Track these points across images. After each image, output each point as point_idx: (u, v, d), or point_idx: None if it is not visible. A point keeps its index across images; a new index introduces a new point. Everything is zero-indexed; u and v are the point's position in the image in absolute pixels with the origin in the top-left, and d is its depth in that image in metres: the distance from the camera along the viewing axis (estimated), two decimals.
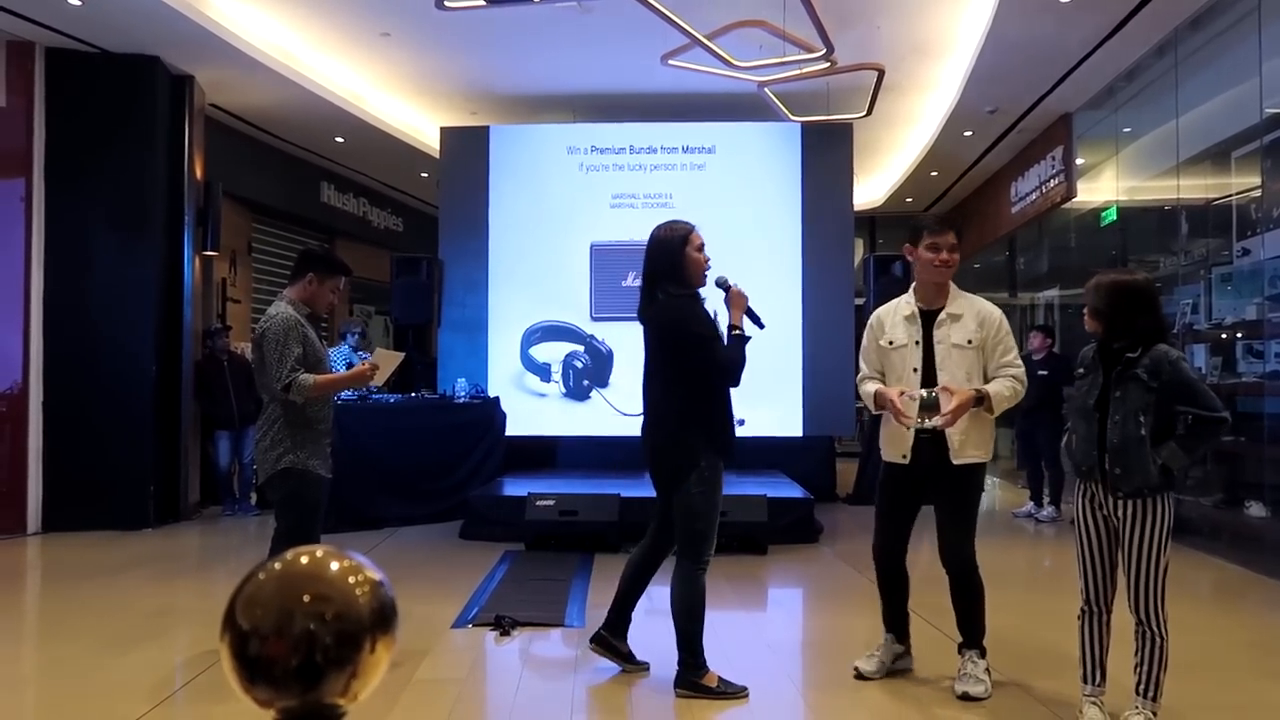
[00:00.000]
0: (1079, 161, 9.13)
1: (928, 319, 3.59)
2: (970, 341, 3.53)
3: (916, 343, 3.58)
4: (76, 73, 7.39)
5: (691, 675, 3.55)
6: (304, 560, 0.71)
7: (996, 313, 3.62)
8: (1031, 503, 8.11)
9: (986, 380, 3.53)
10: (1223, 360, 6.81)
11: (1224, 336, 6.81)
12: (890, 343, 3.64)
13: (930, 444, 3.50)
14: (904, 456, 3.56)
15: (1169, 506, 3.07)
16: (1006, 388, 3.48)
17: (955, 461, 3.49)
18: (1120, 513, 3.09)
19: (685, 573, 3.57)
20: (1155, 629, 3.05)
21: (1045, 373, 7.91)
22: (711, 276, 3.69)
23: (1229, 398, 6.62)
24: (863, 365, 3.76)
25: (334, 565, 0.71)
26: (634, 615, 3.87)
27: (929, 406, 3.43)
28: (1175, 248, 7.52)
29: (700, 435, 3.54)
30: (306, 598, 0.69)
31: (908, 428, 3.48)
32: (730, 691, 3.53)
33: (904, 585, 3.76)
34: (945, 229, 3.58)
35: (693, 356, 3.52)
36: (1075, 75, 8.02)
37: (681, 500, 3.54)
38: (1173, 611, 3.08)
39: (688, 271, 3.59)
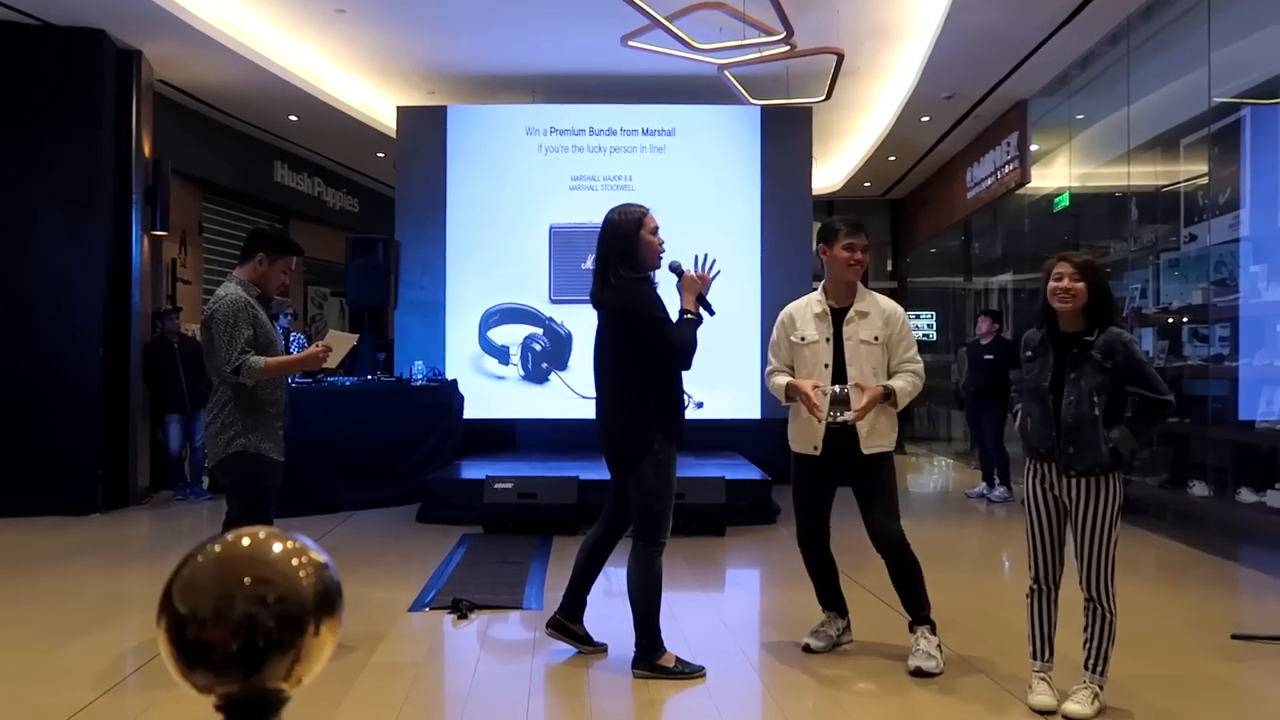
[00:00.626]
0: (1033, 148, 9.25)
1: (838, 316, 3.76)
2: (876, 338, 3.71)
3: (827, 339, 3.74)
4: (17, 45, 7.16)
5: (649, 656, 3.57)
6: (245, 542, 0.70)
7: (899, 311, 3.83)
8: (984, 483, 8.25)
9: (890, 374, 3.71)
10: (1169, 344, 6.97)
11: (1170, 321, 6.96)
12: (802, 338, 3.78)
13: (840, 435, 3.66)
14: (815, 448, 3.71)
15: (1119, 485, 3.15)
16: (909, 383, 3.69)
17: (865, 452, 3.65)
18: (1072, 492, 3.16)
19: (641, 555, 3.59)
20: (1105, 605, 3.13)
21: (991, 357, 8.04)
22: (666, 260, 3.70)
23: (1174, 381, 6.78)
24: (772, 359, 3.91)
25: (276, 547, 0.70)
26: (593, 597, 3.88)
27: (840, 401, 3.64)
28: (1125, 233, 7.66)
29: (653, 418, 3.55)
30: (247, 580, 0.67)
31: (820, 421, 3.63)
32: (687, 672, 3.56)
33: (831, 566, 3.92)
34: (860, 231, 3.79)
35: (645, 340, 3.53)
36: (1031, 62, 8.11)
37: (636, 484, 3.55)
38: (1120, 590, 3.15)
39: (641, 255, 3.60)
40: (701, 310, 3.67)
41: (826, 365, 3.71)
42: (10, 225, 7.16)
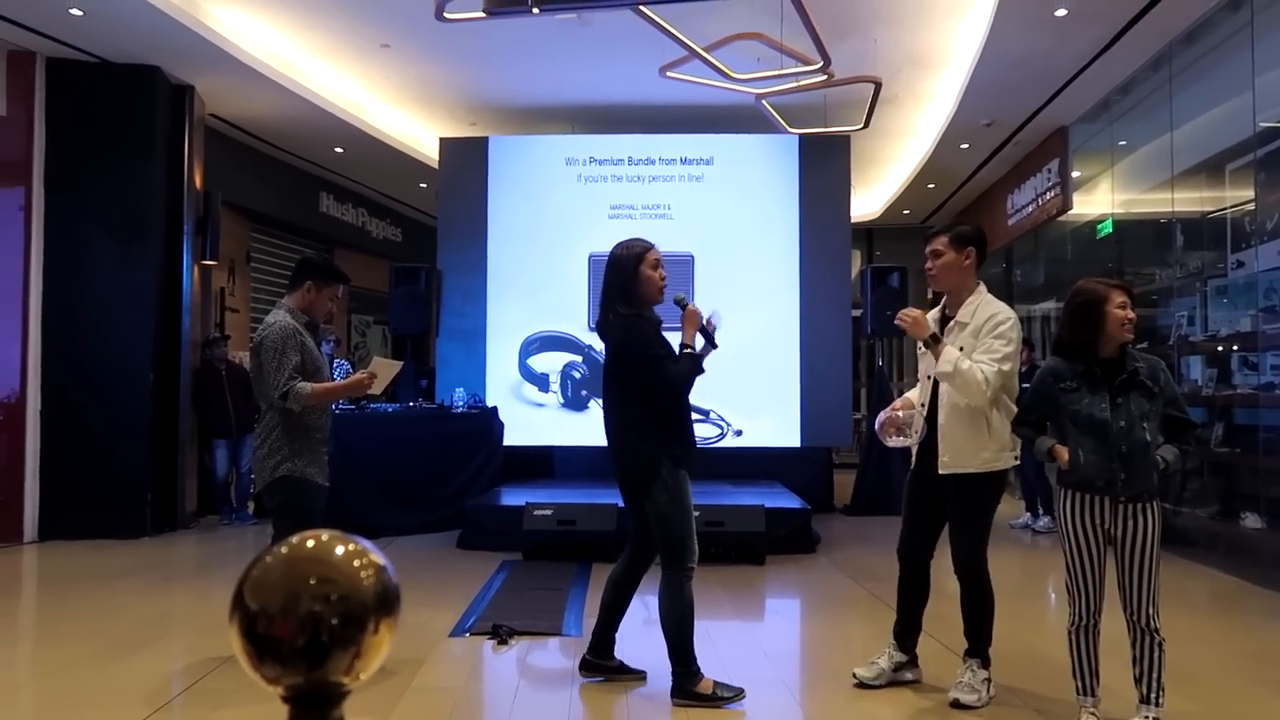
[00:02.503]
0: (1075, 174, 9.18)
1: (944, 326, 3.65)
2: (962, 349, 3.51)
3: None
4: (77, 82, 7.42)
5: (685, 684, 3.55)
6: (310, 544, 0.74)
7: (996, 316, 3.52)
8: (1028, 514, 8.11)
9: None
10: (1218, 372, 6.84)
11: (1219, 349, 6.83)
12: (921, 347, 3.71)
13: (930, 451, 3.54)
14: (912, 462, 3.65)
15: (1161, 511, 3.14)
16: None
17: (941, 471, 3.51)
18: (1119, 520, 3.10)
19: (671, 582, 3.59)
20: (1155, 632, 3.07)
21: (1028, 385, 7.92)
22: (671, 294, 3.73)
23: (1225, 410, 6.65)
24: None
25: (339, 549, 0.73)
26: (630, 625, 3.89)
27: (908, 428, 3.55)
28: (1170, 260, 7.56)
29: (658, 446, 3.58)
30: (313, 580, 0.71)
31: (888, 440, 3.57)
32: (726, 696, 3.54)
33: (921, 592, 3.71)
34: (932, 235, 3.67)
35: (643, 374, 3.59)
36: (1071, 88, 8.07)
37: (652, 510, 3.59)
38: (1169, 622, 3.09)
39: (642, 290, 3.63)
40: (702, 343, 3.67)
41: (928, 377, 3.61)
42: (67, 255, 7.38)
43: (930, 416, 3.55)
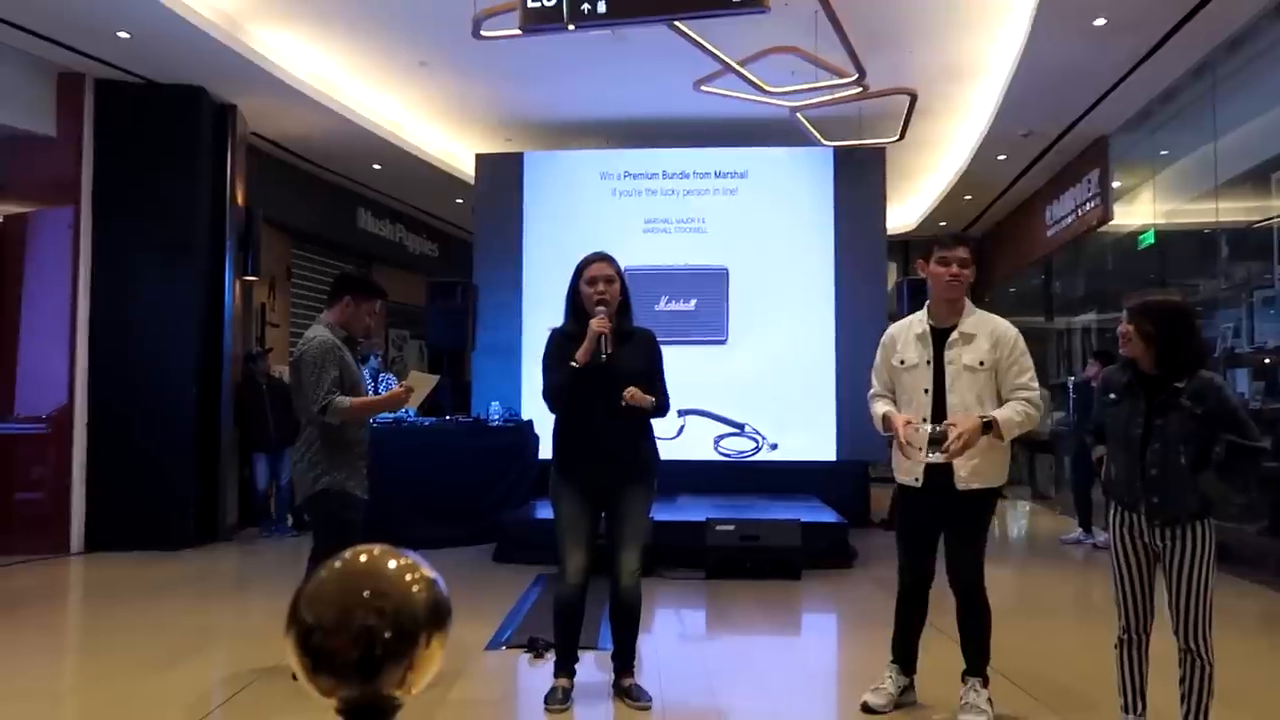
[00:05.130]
0: (1115, 184, 9.06)
1: (939, 338, 3.49)
2: (982, 363, 3.41)
3: (928, 363, 3.48)
4: (124, 103, 7.59)
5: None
6: (363, 559, 0.75)
7: (1012, 332, 3.49)
8: (1080, 529, 7.96)
9: (1001, 403, 3.41)
10: (1265, 385, 6.70)
11: (1267, 361, 6.69)
12: (902, 362, 3.55)
13: (940, 468, 3.39)
14: (915, 480, 3.47)
15: (1210, 531, 3.00)
16: (1018, 413, 3.34)
17: (960, 488, 3.39)
18: (1162, 540, 3.03)
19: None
20: (1204, 656, 2.98)
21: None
22: (602, 310, 3.68)
23: (1272, 423, 6.50)
24: (874, 382, 3.67)
25: (392, 563, 0.75)
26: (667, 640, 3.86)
27: (936, 440, 3.30)
28: (1215, 271, 7.43)
29: (552, 450, 3.79)
30: (366, 594, 0.72)
31: (918, 459, 3.39)
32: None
33: (923, 607, 3.64)
34: (956, 244, 3.52)
35: None
36: (1111, 97, 7.98)
37: None
38: (1217, 641, 3.01)
39: (578, 302, 3.76)
40: (578, 362, 3.62)
41: (926, 391, 3.45)
42: (114, 272, 7.52)
43: (939, 433, 3.36)
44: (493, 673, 4.27)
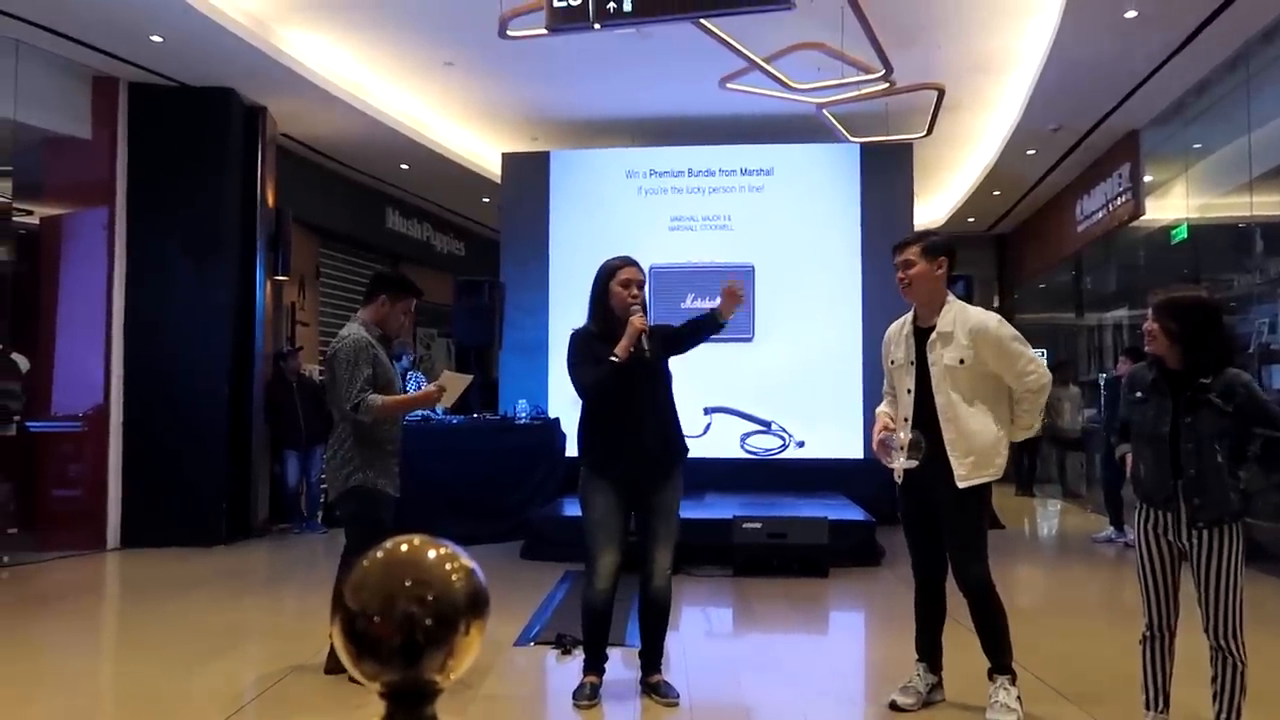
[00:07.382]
0: (1147, 179, 8.95)
1: (922, 337, 3.46)
2: (963, 361, 3.34)
3: (911, 362, 3.46)
4: (157, 105, 7.70)
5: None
6: (404, 548, 0.77)
7: (990, 322, 3.38)
8: (1111, 527, 7.88)
9: (1008, 399, 3.40)
10: None
11: None
12: (893, 361, 3.56)
13: (929, 465, 3.35)
14: (898, 479, 3.49)
15: (1241, 527, 2.97)
16: (1024, 414, 3.39)
17: (960, 485, 3.33)
18: (1193, 539, 2.99)
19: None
20: (1236, 653, 2.95)
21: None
22: (637, 314, 3.70)
23: None
24: (885, 383, 3.74)
25: (432, 553, 0.77)
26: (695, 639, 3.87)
27: (915, 445, 3.31)
28: (1250, 266, 7.32)
29: (582, 451, 3.74)
30: (408, 582, 0.74)
31: (890, 465, 3.43)
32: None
33: (938, 607, 3.61)
34: (902, 244, 3.52)
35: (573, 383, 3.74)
36: (1142, 91, 7.88)
37: None
38: (1247, 640, 2.98)
39: (609, 304, 3.73)
40: (618, 357, 3.61)
41: (909, 391, 3.43)
42: (148, 272, 7.64)
43: (932, 434, 3.36)
44: (522, 669, 4.30)
